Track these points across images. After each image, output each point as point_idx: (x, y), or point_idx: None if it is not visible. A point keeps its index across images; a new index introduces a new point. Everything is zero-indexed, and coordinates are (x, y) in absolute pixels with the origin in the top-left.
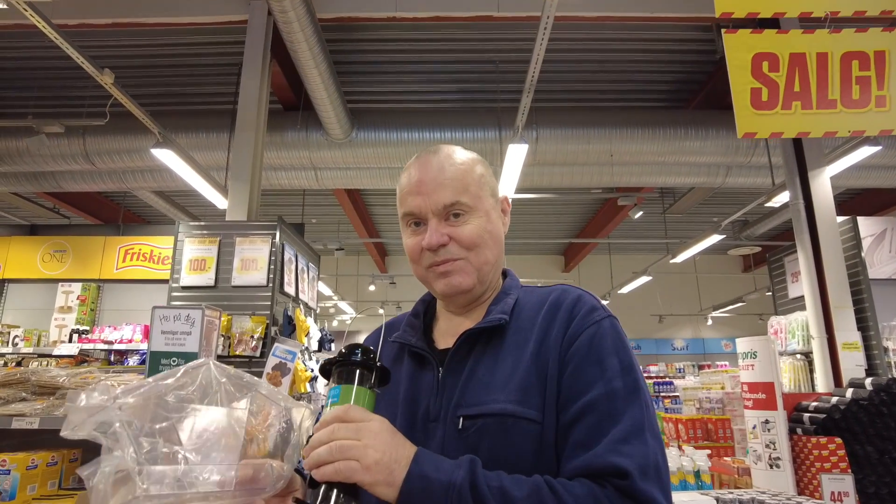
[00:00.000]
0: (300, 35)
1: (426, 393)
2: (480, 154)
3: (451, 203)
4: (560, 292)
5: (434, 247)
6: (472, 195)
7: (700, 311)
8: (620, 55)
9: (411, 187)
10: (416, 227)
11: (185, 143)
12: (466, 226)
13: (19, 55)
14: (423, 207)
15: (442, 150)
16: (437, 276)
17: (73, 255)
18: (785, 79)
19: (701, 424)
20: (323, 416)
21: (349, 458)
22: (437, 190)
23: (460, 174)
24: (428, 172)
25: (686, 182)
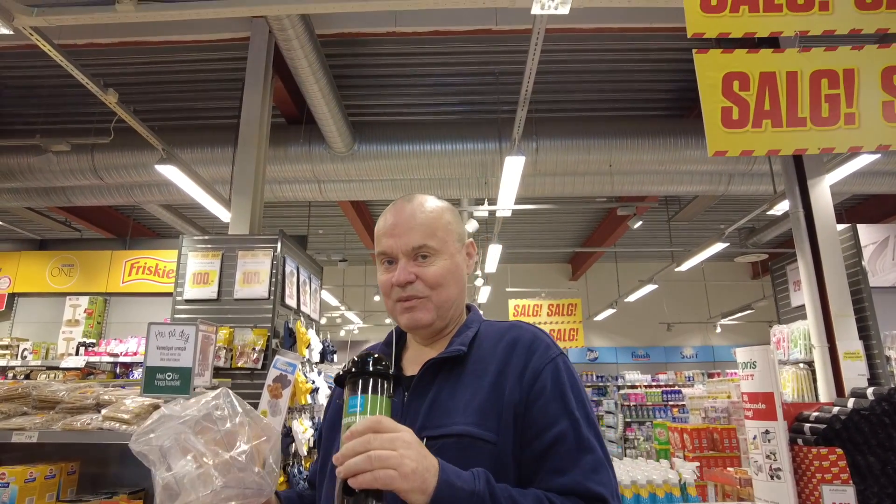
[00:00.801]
0: (300, 52)
1: (394, 416)
2: (480, 165)
3: (418, 245)
4: (517, 329)
5: (402, 283)
6: (438, 239)
7: (709, 318)
8: (619, 65)
9: (386, 229)
10: (388, 265)
11: (190, 157)
12: (431, 267)
13: (28, 74)
14: (395, 248)
15: (415, 198)
16: (402, 311)
17: (80, 269)
18: (755, 98)
19: (706, 434)
20: (353, 427)
21: (388, 467)
22: (407, 233)
23: (429, 220)
24: (401, 217)
25: (688, 190)
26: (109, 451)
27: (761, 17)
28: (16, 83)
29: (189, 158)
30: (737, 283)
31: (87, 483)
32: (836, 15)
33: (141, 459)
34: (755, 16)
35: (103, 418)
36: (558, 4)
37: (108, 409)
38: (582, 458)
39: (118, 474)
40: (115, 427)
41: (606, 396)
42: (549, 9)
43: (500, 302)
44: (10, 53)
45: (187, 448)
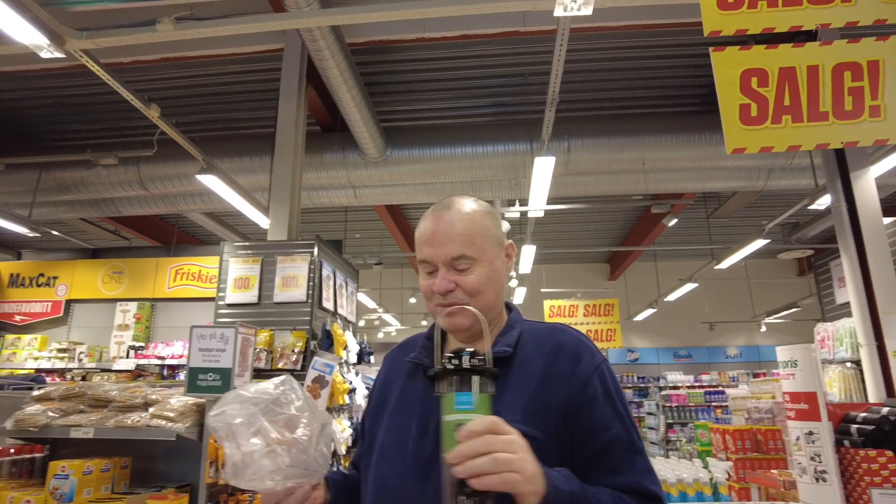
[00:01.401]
0: (331, 62)
1: (437, 407)
2: (511, 166)
3: (457, 256)
4: (561, 333)
5: (442, 292)
6: (476, 248)
7: (753, 317)
8: (650, 61)
9: (425, 238)
10: (429, 272)
11: (229, 167)
12: (470, 275)
13: (78, 93)
14: (434, 257)
15: (453, 205)
16: (442, 315)
17: (129, 276)
18: (774, 93)
19: (749, 435)
20: (470, 426)
21: (513, 470)
22: (446, 243)
23: (467, 229)
24: (439, 226)
25: (725, 187)
26: (157, 447)
27: (780, 11)
28: (67, 101)
29: (228, 168)
30: (781, 281)
31: (138, 477)
32: (859, 6)
33: (213, 433)
34: (774, 10)
35: (151, 416)
36: (581, 6)
37: (154, 407)
38: (636, 459)
39: (165, 469)
40: (161, 424)
41: (648, 398)
42: (572, 10)
43: (535, 302)
44: (60, 74)
45: (257, 427)
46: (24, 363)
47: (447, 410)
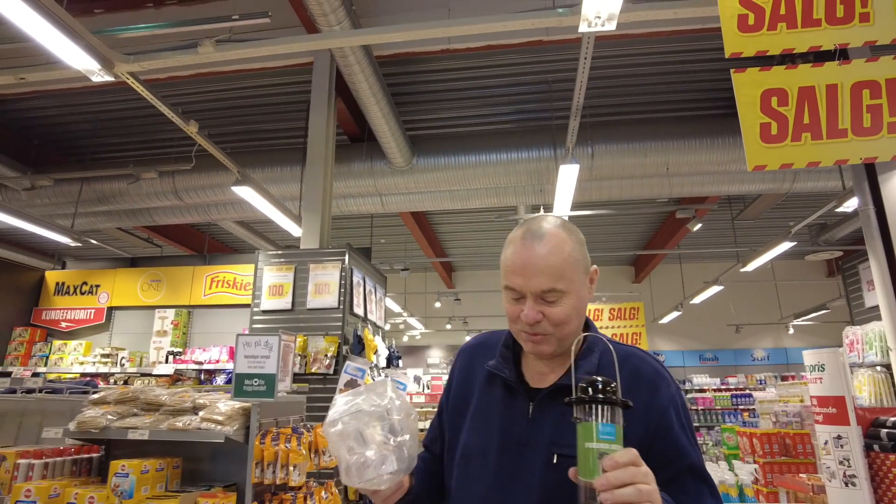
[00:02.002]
0: (360, 76)
1: (518, 421)
2: (535, 172)
3: (547, 290)
4: (637, 360)
5: (531, 322)
6: (566, 281)
7: (780, 319)
8: (673, 66)
9: (515, 267)
10: (516, 299)
11: (261, 177)
12: (558, 307)
13: (116, 107)
14: (524, 288)
15: (545, 235)
16: (526, 340)
17: (167, 284)
18: (794, 112)
19: (777, 439)
20: (616, 457)
21: (651, 501)
22: (536, 275)
23: (558, 263)
24: (530, 258)
25: (750, 189)
26: (204, 448)
27: (799, 32)
28: (106, 116)
29: (260, 178)
30: (810, 283)
31: (187, 477)
32: (877, 26)
33: (332, 442)
34: (793, 32)
35: (201, 419)
36: (605, 22)
37: (204, 411)
38: (706, 486)
39: (212, 469)
40: (211, 427)
41: None
42: (596, 26)
43: None
44: (100, 91)
45: (372, 436)
46: (71, 368)
47: (588, 438)
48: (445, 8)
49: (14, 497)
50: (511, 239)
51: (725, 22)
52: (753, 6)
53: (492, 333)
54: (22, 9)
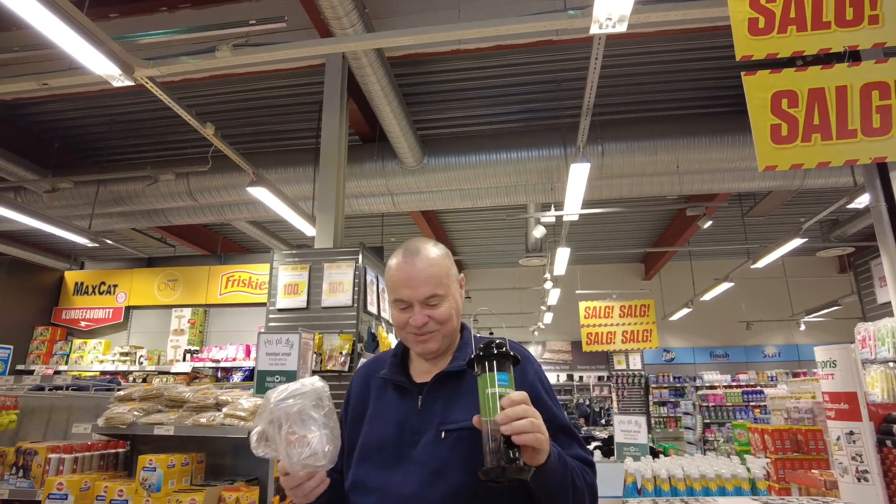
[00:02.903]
0: (372, 77)
1: (410, 413)
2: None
3: (430, 295)
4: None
5: (419, 325)
6: (444, 286)
7: (792, 316)
8: (683, 64)
9: (402, 281)
10: (403, 309)
11: (275, 177)
12: (440, 308)
13: (130, 109)
14: (411, 297)
15: (421, 251)
16: (417, 342)
17: (183, 283)
18: (804, 113)
19: (789, 435)
20: (511, 396)
21: (540, 431)
22: (421, 285)
23: (437, 273)
24: (413, 272)
25: (760, 186)
26: (227, 444)
27: (809, 35)
28: (121, 119)
29: (274, 178)
30: (821, 279)
31: (210, 471)
32: (887, 27)
33: (276, 419)
34: (803, 35)
35: (224, 416)
36: (616, 23)
37: (227, 407)
38: (575, 440)
39: (234, 465)
40: (234, 423)
41: (684, 398)
42: (607, 28)
43: (570, 304)
44: (114, 94)
45: (312, 417)
46: (91, 366)
47: (487, 386)
48: (456, 9)
49: (47, 490)
50: (393, 262)
51: (736, 26)
52: (763, 10)
53: (382, 353)
54: (47, 17)
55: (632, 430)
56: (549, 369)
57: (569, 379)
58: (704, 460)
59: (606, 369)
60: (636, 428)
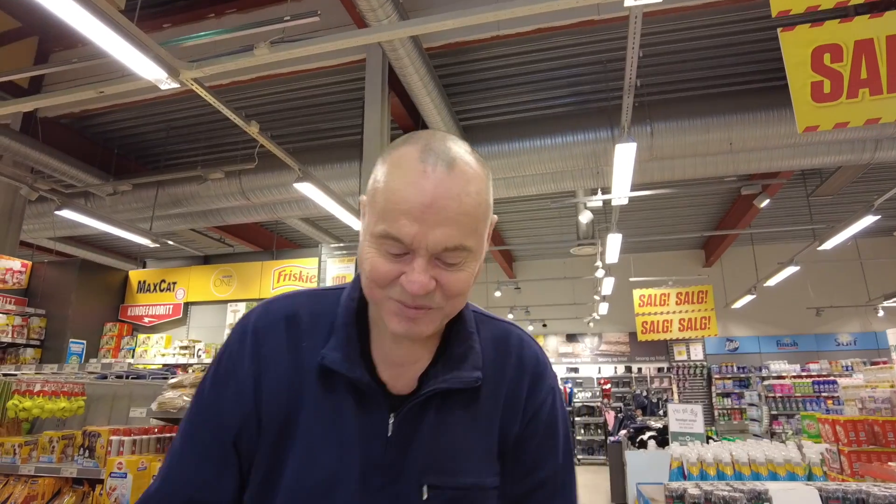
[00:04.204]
0: (411, 69)
1: (373, 444)
2: (593, 155)
3: (453, 247)
4: (519, 343)
5: (419, 293)
6: (478, 236)
7: (868, 301)
8: (729, 38)
9: (410, 204)
10: (396, 254)
11: (322, 174)
12: (461, 273)
13: (184, 115)
14: (420, 241)
15: (456, 161)
16: (400, 317)
17: (237, 279)
18: (850, 68)
19: (864, 426)
20: None
21: None
22: (444, 224)
23: (475, 207)
24: (440, 193)
25: (825, 162)
26: None
27: None
28: (176, 124)
29: (321, 175)
30: None
31: None
32: None
33: None
34: None
35: None
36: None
37: None
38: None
39: None
40: None
41: (749, 388)
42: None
43: (625, 294)
44: (169, 101)
45: None
46: (154, 359)
47: None
48: None
49: (108, 469)
50: (400, 156)
51: None
52: None
53: (309, 297)
54: (100, 27)
55: (687, 420)
56: (606, 361)
57: (626, 371)
58: (755, 445)
59: (666, 360)
60: (692, 417)
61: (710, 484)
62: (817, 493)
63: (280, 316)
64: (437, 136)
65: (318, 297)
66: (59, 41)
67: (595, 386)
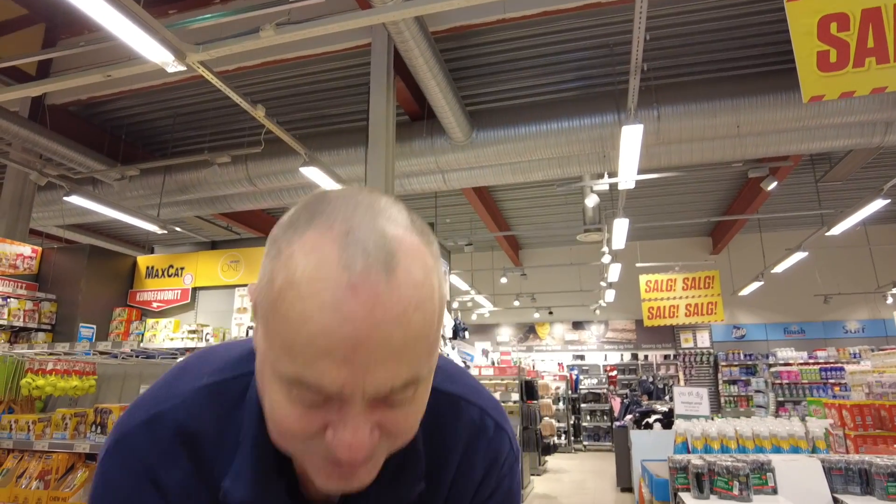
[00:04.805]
0: (416, 52)
1: None
2: (599, 139)
3: (404, 384)
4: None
5: (359, 457)
6: (434, 351)
7: (877, 288)
8: (741, 19)
9: (333, 343)
10: (312, 403)
11: (328, 159)
12: (412, 406)
13: (191, 101)
14: (352, 388)
15: (397, 257)
16: (329, 477)
17: (245, 264)
18: (856, 37)
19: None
20: None
21: None
22: (387, 360)
23: (429, 322)
24: (379, 320)
25: (834, 146)
26: None
27: None
28: (183, 111)
29: (328, 161)
30: None
31: None
32: None
33: None
34: None
35: None
36: None
37: None
38: None
39: None
40: None
41: (755, 376)
42: None
43: (632, 282)
44: (176, 87)
45: None
46: (163, 344)
47: None
48: None
49: None
50: (309, 254)
51: None
52: None
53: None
54: (107, 9)
55: (693, 402)
56: (613, 349)
57: (633, 358)
58: (759, 421)
59: (673, 347)
60: (697, 400)
61: (713, 456)
62: (820, 463)
63: (170, 432)
64: (361, 202)
65: (214, 395)
66: (65, 28)
67: (601, 373)
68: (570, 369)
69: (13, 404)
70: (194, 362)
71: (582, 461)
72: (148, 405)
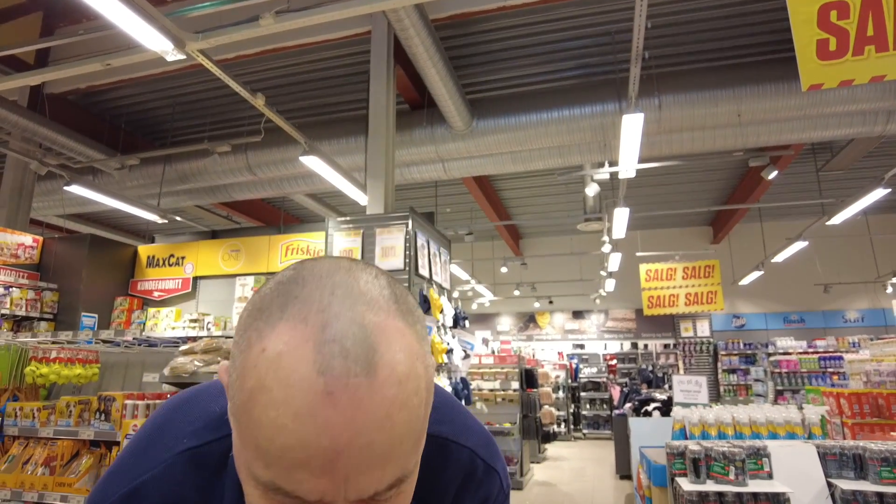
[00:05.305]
0: (416, 40)
1: None
2: (600, 128)
3: (389, 486)
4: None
5: None
6: (421, 443)
7: (877, 277)
8: (743, 7)
9: (310, 455)
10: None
11: (328, 149)
12: (397, 500)
13: (191, 90)
14: (334, 495)
15: (378, 351)
16: None
17: (245, 253)
18: (856, 25)
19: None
20: None
21: None
22: (370, 468)
23: (416, 419)
24: (360, 428)
25: (836, 135)
26: None
27: None
28: (183, 100)
29: (328, 150)
30: None
31: None
32: None
33: None
34: None
35: None
36: None
37: None
38: None
39: None
40: None
41: (755, 364)
42: None
43: (632, 271)
44: (176, 76)
45: None
46: (164, 333)
47: None
48: None
49: (124, 431)
50: (280, 355)
51: None
52: None
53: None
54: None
55: (692, 391)
56: (613, 338)
57: (633, 347)
58: (756, 408)
59: (672, 337)
60: (696, 388)
61: (710, 441)
62: (815, 449)
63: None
64: (339, 284)
65: (195, 463)
66: (63, 16)
67: (601, 362)
68: (570, 358)
69: (18, 392)
70: (171, 418)
71: (581, 449)
72: (127, 475)
